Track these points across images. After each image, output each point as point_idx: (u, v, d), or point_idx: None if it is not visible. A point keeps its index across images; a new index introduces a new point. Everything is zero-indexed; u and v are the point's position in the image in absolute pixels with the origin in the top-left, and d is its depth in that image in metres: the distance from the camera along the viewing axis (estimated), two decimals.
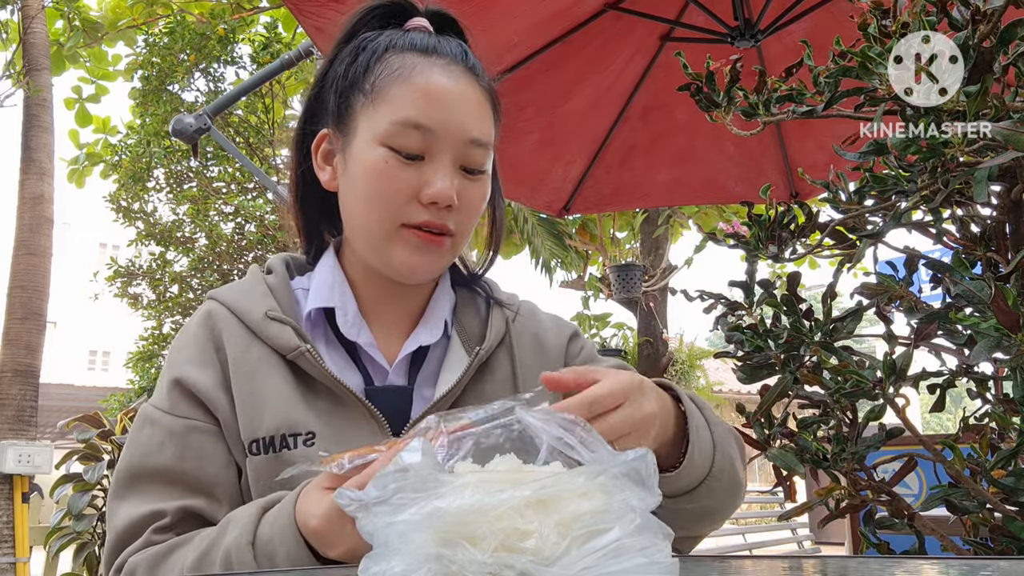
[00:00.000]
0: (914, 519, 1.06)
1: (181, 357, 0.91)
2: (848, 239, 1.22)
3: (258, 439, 0.85)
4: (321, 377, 0.87)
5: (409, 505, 0.45)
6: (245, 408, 0.86)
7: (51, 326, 8.94)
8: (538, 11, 2.52)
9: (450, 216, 0.88)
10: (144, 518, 0.82)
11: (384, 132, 0.86)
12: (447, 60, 0.90)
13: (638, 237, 7.10)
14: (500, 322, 1.00)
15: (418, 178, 0.86)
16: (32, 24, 6.78)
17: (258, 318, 0.90)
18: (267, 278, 0.98)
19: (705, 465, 0.81)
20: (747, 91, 1.21)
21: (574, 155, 3.27)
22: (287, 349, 0.88)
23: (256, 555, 0.72)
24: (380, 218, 0.88)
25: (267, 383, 0.87)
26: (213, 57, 7.69)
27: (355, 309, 0.94)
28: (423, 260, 0.89)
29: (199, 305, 0.97)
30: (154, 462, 0.85)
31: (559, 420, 0.55)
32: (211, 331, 0.92)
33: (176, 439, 0.85)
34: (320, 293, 0.94)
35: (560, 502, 0.44)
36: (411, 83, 0.87)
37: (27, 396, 6.41)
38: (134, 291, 8.25)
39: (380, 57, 0.90)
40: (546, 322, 1.08)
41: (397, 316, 0.97)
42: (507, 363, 0.98)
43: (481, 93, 0.91)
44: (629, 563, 0.42)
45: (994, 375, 1.13)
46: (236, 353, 0.89)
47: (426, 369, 0.95)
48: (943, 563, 0.62)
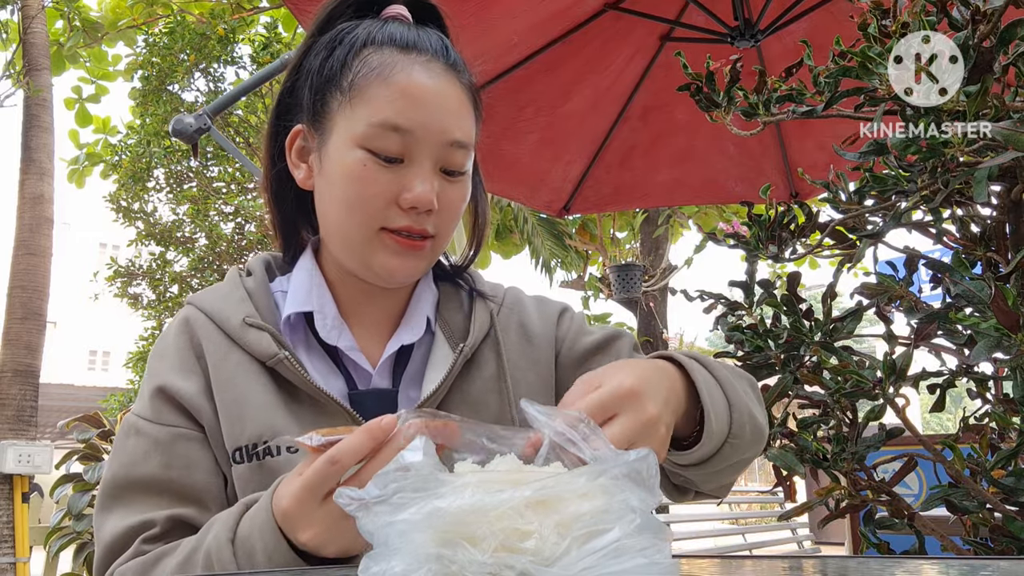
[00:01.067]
0: (914, 519, 1.06)
1: (163, 365, 0.89)
2: (848, 239, 1.22)
3: (241, 447, 0.83)
4: (302, 384, 0.85)
5: (409, 504, 0.45)
6: (227, 416, 0.85)
7: (51, 326, 8.93)
8: (538, 11, 2.52)
9: (430, 220, 0.86)
10: (133, 528, 0.81)
11: (362, 134, 0.83)
12: (427, 57, 0.87)
13: (638, 237, 7.11)
14: (484, 315, 0.97)
15: (397, 182, 0.83)
16: (32, 24, 6.78)
17: (236, 324, 0.88)
18: (245, 281, 0.95)
19: (723, 429, 0.77)
20: (747, 91, 1.21)
21: (574, 155, 3.27)
22: (266, 356, 0.86)
23: (236, 552, 0.70)
24: (358, 223, 0.85)
25: (248, 390, 0.85)
26: (213, 57, 7.69)
27: (335, 312, 0.92)
28: (403, 264, 0.87)
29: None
30: (140, 472, 0.83)
31: (562, 415, 0.55)
32: (190, 338, 0.90)
33: (162, 448, 0.84)
34: (297, 297, 0.92)
35: (560, 502, 0.44)
36: (390, 82, 0.84)
37: (27, 396, 6.42)
38: (134, 291, 8.26)
39: (358, 52, 0.87)
40: (531, 309, 1.04)
41: (378, 317, 0.95)
42: (493, 359, 0.95)
43: (462, 91, 0.88)
44: (629, 563, 0.42)
45: (994, 375, 1.13)
46: (216, 360, 0.87)
47: (411, 369, 0.93)
48: (943, 563, 0.62)
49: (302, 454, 0.81)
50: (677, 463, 0.79)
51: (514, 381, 0.95)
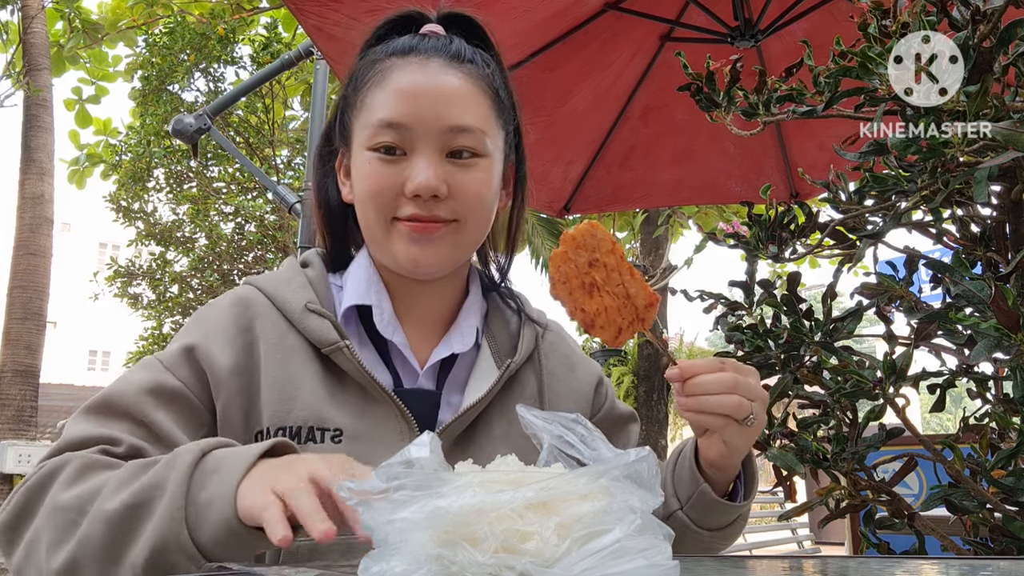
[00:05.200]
0: (914, 519, 1.06)
1: (203, 329, 0.90)
2: (848, 239, 1.22)
3: (285, 427, 0.85)
4: (356, 374, 0.88)
5: (410, 502, 0.45)
6: (276, 395, 0.86)
7: (51, 326, 8.93)
8: (538, 11, 2.52)
9: (441, 206, 0.88)
10: (98, 437, 0.80)
11: (367, 137, 0.89)
12: (424, 56, 0.91)
13: (638, 237, 7.11)
14: (531, 338, 1.01)
15: (401, 173, 0.88)
16: (32, 24, 6.79)
17: (297, 309, 0.91)
18: (306, 271, 0.98)
19: (749, 504, 0.92)
20: (747, 91, 1.21)
21: (574, 155, 3.27)
22: (324, 343, 0.88)
23: (193, 472, 0.68)
24: (375, 216, 0.90)
25: (300, 374, 0.87)
26: (213, 57, 7.70)
27: (390, 309, 0.95)
28: (423, 251, 0.89)
29: (211, 299, 0.96)
30: (130, 401, 0.83)
31: (560, 419, 0.56)
32: (243, 313, 0.91)
33: (162, 395, 0.84)
34: (357, 290, 0.95)
35: (561, 503, 0.44)
36: (384, 86, 0.90)
37: (27, 396, 6.42)
38: (134, 291, 8.26)
39: (369, 69, 0.93)
40: (577, 350, 1.09)
41: (428, 317, 0.98)
42: (534, 379, 1.00)
43: (464, 79, 0.91)
44: (629, 564, 0.42)
45: (994, 375, 1.13)
46: (271, 340, 0.89)
47: (455, 375, 0.96)
48: (943, 563, 0.62)
49: (345, 443, 0.85)
50: (723, 515, 0.91)
51: (551, 403, 1.00)
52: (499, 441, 0.92)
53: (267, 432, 0.85)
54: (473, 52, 0.95)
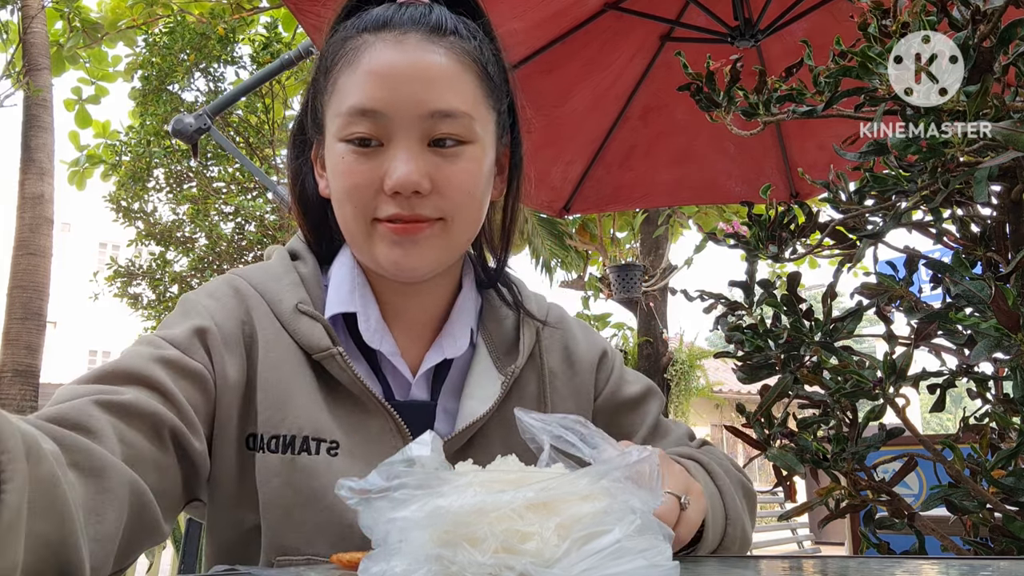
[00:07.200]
0: (914, 519, 1.06)
1: (213, 306, 0.81)
2: (848, 239, 1.22)
3: (279, 435, 0.78)
4: (349, 384, 0.81)
5: (411, 501, 0.44)
6: (269, 400, 0.78)
7: (51, 326, 8.93)
8: (538, 11, 2.52)
9: (424, 203, 0.78)
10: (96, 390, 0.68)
11: (339, 126, 0.79)
12: (400, 31, 0.79)
13: (638, 237, 7.11)
14: (531, 338, 0.92)
15: (378, 168, 0.78)
16: (32, 24, 6.79)
17: (287, 309, 0.83)
18: (297, 265, 0.89)
19: (717, 540, 0.78)
20: (747, 91, 1.21)
21: (574, 155, 3.27)
22: (315, 349, 0.80)
23: None
24: (353, 218, 0.81)
25: (292, 380, 0.80)
26: (213, 57, 7.70)
27: (377, 314, 0.87)
28: (406, 254, 0.80)
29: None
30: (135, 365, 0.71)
31: (559, 420, 0.55)
32: (242, 304, 0.83)
33: (180, 374, 0.74)
34: (340, 296, 0.86)
35: (562, 504, 0.44)
36: (355, 67, 0.79)
37: (27, 396, 6.41)
38: (134, 291, 8.26)
39: (339, 48, 0.82)
40: (577, 333, 1.00)
41: (418, 319, 0.90)
42: (535, 379, 0.92)
43: (447, 55, 0.79)
44: (629, 565, 0.42)
45: (994, 375, 1.13)
46: (268, 340, 0.81)
47: (449, 381, 0.89)
48: (943, 563, 0.62)
49: (341, 457, 0.78)
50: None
51: (553, 403, 0.92)
52: (497, 449, 0.88)
53: (260, 437, 0.78)
54: (456, 22, 0.83)
